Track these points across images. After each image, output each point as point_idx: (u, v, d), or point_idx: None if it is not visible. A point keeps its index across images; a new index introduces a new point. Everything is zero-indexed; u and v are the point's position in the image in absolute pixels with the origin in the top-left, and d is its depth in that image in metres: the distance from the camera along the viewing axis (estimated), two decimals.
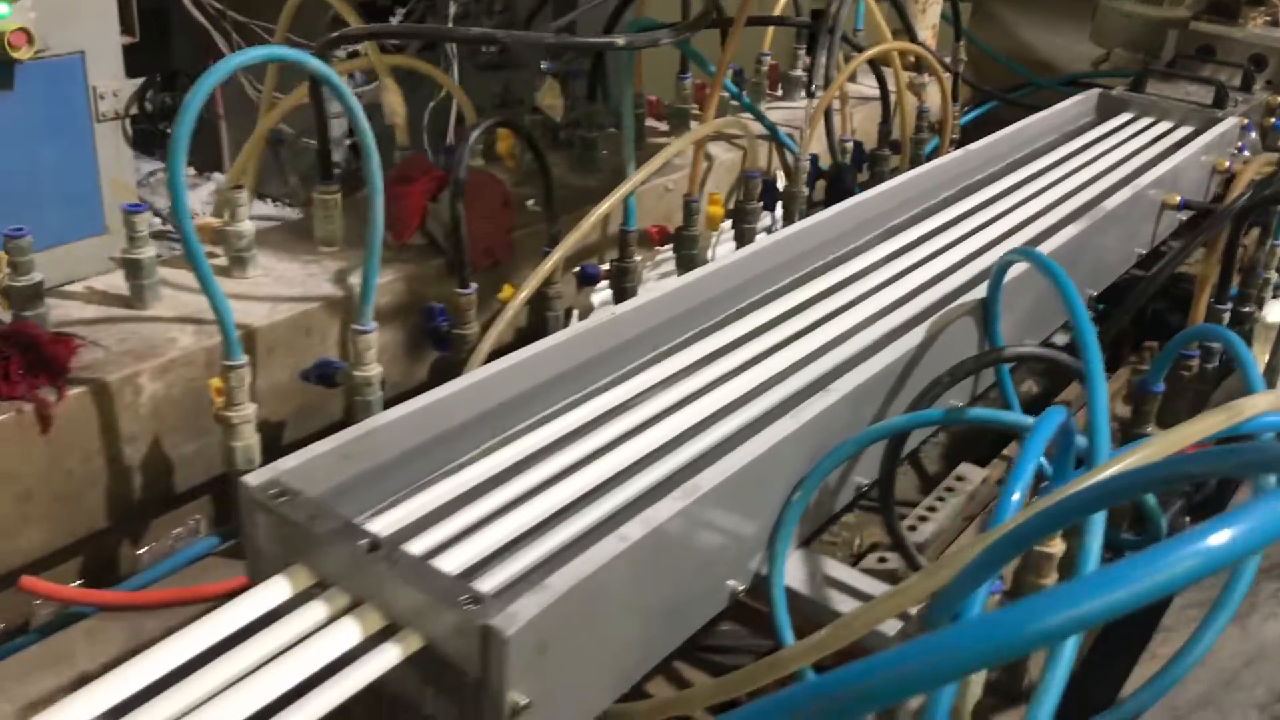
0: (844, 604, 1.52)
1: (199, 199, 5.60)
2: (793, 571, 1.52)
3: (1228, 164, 3.04)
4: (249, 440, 1.65)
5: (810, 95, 2.56)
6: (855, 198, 2.25)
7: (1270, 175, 2.61)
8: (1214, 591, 1.38)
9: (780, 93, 3.33)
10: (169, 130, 5.27)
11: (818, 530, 1.72)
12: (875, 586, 1.55)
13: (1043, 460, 1.84)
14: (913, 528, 1.78)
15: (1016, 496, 1.13)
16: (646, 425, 1.53)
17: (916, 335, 1.73)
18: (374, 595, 1.19)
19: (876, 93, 3.20)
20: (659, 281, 2.54)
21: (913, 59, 3.15)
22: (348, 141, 4.89)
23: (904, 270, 2.08)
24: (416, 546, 1.27)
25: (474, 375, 1.51)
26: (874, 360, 1.64)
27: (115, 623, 1.58)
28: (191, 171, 5.84)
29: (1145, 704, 1.31)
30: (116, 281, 1.93)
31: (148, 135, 5.52)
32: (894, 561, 1.71)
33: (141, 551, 1.82)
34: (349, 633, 1.17)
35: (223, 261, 2.01)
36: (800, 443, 1.49)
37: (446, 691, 1.17)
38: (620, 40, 1.80)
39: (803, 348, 1.77)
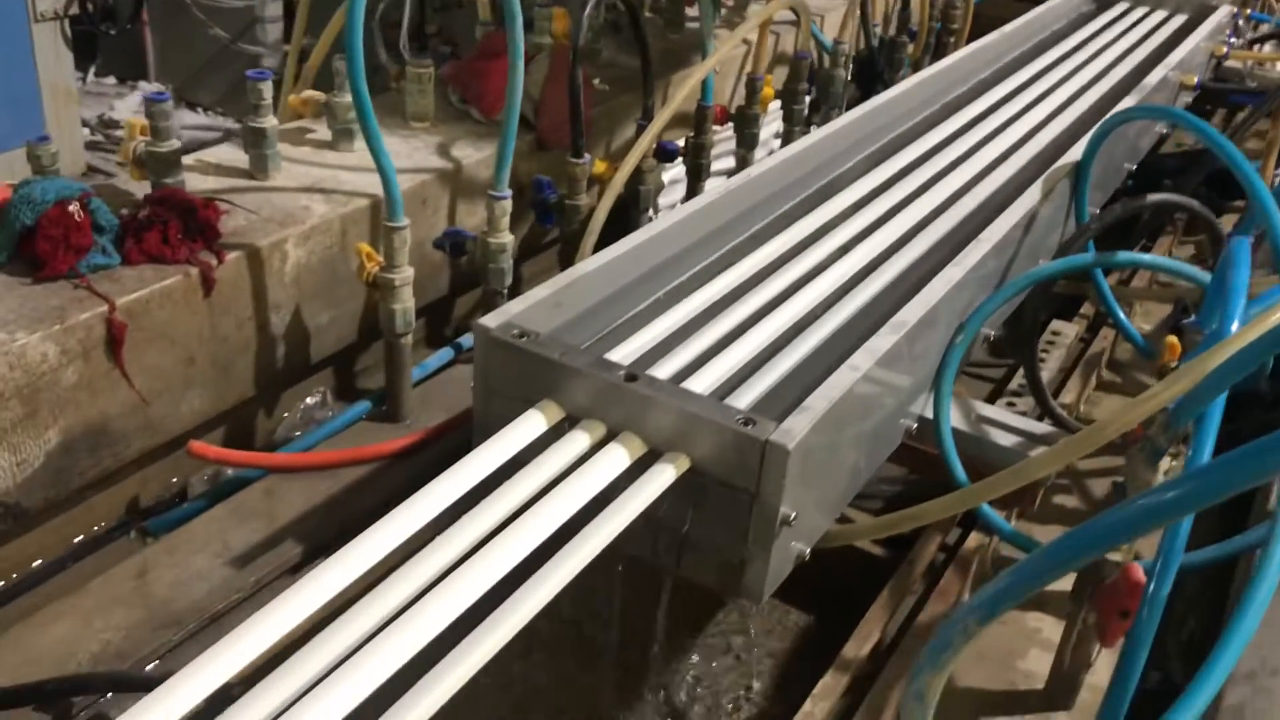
0: (1004, 439, 1.62)
1: (127, 108, 5.38)
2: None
3: (1225, 49, 3.19)
4: (408, 302, 1.67)
5: None
6: (928, 70, 2.34)
7: None
8: None
9: None
10: (112, 32, 4.98)
11: None
12: (1028, 424, 1.66)
13: (1126, 321, 1.97)
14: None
15: (1235, 325, 1.22)
16: (827, 264, 1.61)
17: (1034, 193, 1.82)
18: (633, 423, 1.24)
19: None
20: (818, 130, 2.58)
21: None
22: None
23: (987, 137, 2.17)
24: (661, 374, 1.32)
25: (657, 225, 1.55)
26: (1009, 213, 1.72)
27: (290, 483, 1.60)
28: (112, 80, 5.60)
29: None
30: (225, 154, 1.91)
31: (89, 38, 5.27)
32: (1022, 405, 1.82)
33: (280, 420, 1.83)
34: (618, 459, 1.22)
35: (326, 136, 1.99)
36: (963, 288, 1.57)
37: (710, 511, 1.24)
38: None
39: (930, 201, 1.85)
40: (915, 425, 1.58)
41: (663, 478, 1.20)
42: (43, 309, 1.44)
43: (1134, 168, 2.54)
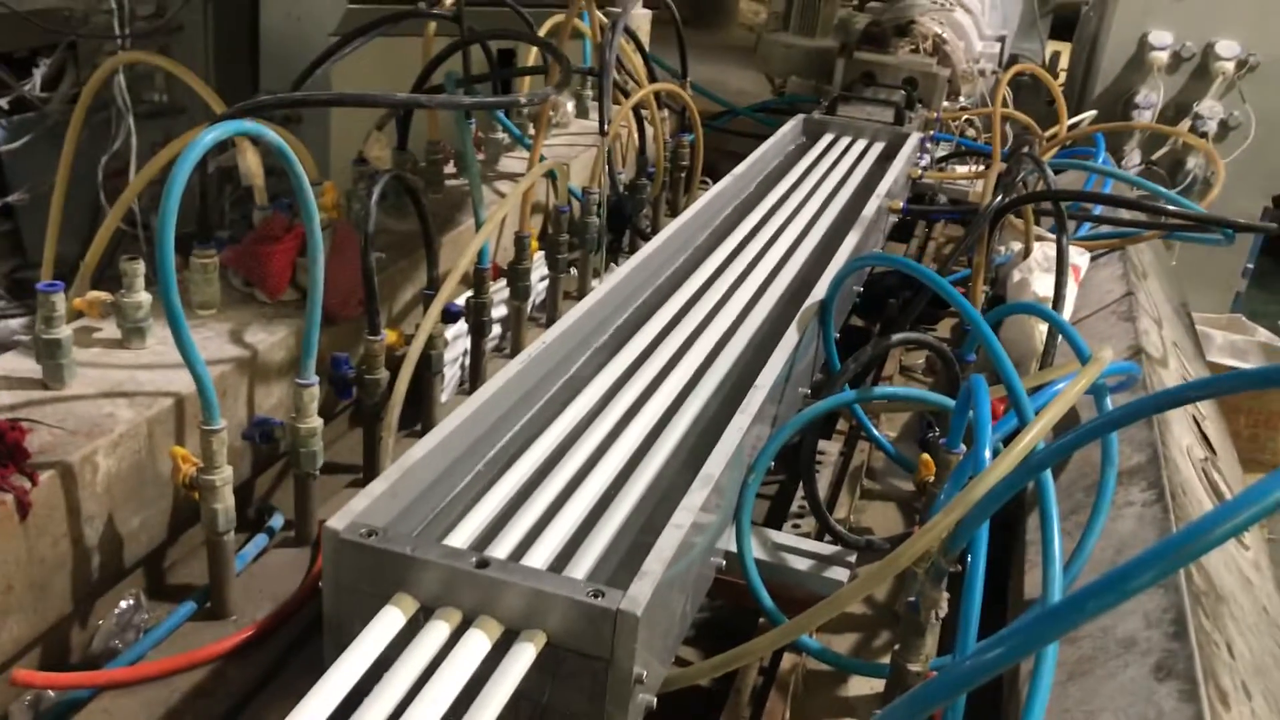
0: (799, 563, 1.82)
1: None
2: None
3: (920, 172, 3.63)
4: (229, 500, 1.70)
5: (603, 132, 2.84)
6: (677, 220, 2.58)
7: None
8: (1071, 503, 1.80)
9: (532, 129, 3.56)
10: None
11: None
12: (816, 546, 1.86)
13: (881, 437, 2.22)
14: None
15: (988, 453, 1.46)
16: (627, 420, 1.77)
17: (793, 335, 2.05)
18: (488, 607, 1.34)
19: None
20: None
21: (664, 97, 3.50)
22: None
23: (739, 279, 2.41)
24: (499, 554, 1.43)
25: (474, 402, 1.67)
26: (775, 356, 1.94)
27: (127, 699, 1.60)
28: None
29: None
30: (12, 364, 1.88)
31: None
32: (806, 526, 2.03)
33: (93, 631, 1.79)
34: (478, 645, 1.32)
35: (115, 335, 2.00)
36: (750, 430, 1.76)
37: (567, 679, 1.35)
38: (523, 99, 1.98)
39: (702, 349, 2.06)
40: (724, 561, 1.75)
41: (524, 657, 1.30)
42: None
43: (861, 289, 2.86)
